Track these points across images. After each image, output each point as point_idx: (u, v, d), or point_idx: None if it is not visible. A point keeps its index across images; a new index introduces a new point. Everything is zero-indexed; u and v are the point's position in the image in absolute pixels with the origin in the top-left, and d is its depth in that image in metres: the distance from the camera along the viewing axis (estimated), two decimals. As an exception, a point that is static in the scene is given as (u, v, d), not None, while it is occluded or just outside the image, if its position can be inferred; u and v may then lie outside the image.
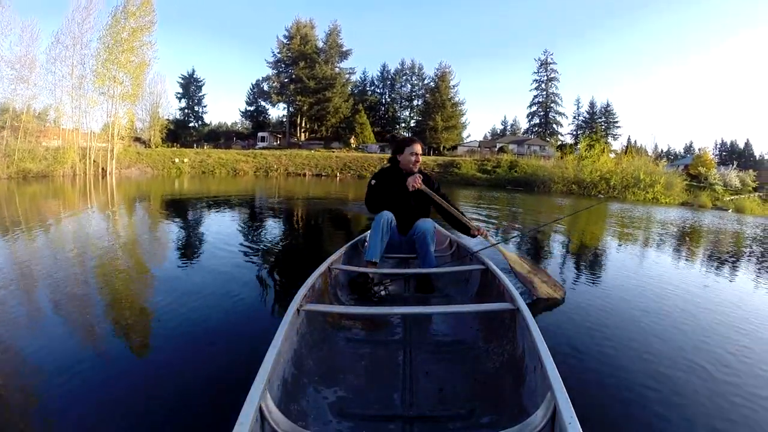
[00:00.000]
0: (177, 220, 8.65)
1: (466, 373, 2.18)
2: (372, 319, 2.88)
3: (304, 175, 43.48)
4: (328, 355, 2.31)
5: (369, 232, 3.85)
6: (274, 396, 1.60)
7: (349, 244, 4.04)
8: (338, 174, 45.10)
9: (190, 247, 5.88)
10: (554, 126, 79.12)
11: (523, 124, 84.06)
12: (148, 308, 3.37)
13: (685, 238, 10.33)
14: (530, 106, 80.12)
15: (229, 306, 3.50)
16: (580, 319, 3.40)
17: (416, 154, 3.90)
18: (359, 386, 2.05)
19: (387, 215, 3.66)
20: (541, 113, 78.92)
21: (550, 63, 77.87)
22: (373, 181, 3.95)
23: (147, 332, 2.91)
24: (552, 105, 78.53)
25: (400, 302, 3.34)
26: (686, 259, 7.21)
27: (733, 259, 7.67)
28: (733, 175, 51.64)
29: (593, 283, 4.72)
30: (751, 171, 54.97)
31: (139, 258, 5.15)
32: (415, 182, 3.71)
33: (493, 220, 11.70)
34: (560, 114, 79.21)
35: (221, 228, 7.77)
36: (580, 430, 1.23)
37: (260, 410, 1.40)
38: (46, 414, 1.95)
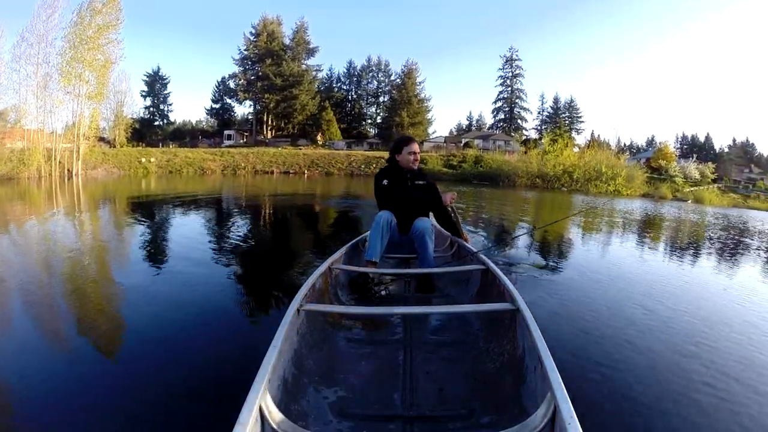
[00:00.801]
0: (161, 222, 8.60)
1: (466, 373, 2.19)
2: (372, 319, 2.91)
3: (272, 172, 43.52)
4: (329, 355, 2.33)
5: (369, 231, 3.87)
6: (274, 396, 1.61)
7: (349, 244, 4.07)
8: (306, 171, 45.37)
9: (183, 249, 5.78)
10: (519, 121, 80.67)
11: (489, 120, 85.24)
12: (148, 310, 3.36)
13: (664, 230, 11.26)
14: (495, 101, 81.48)
15: (229, 306, 3.59)
16: (580, 318, 3.47)
17: (414, 153, 3.96)
18: (359, 386, 2.06)
19: (387, 215, 3.69)
20: (506, 109, 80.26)
21: (515, 59, 79.44)
22: (385, 181, 3.97)
23: (146, 334, 2.92)
24: (517, 100, 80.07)
25: (400, 302, 3.35)
26: (675, 253, 7.59)
27: (722, 249, 8.26)
28: (693, 168, 53.75)
29: (593, 282, 4.79)
30: (710, 163, 57.07)
31: (128, 262, 5.12)
32: (451, 200, 4.03)
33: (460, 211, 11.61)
34: (525, 109, 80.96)
35: (207, 229, 7.86)
36: (580, 430, 1.24)
37: (260, 410, 1.41)
38: (50, 411, 2.00)
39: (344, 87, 77.64)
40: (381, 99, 75.68)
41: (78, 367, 2.41)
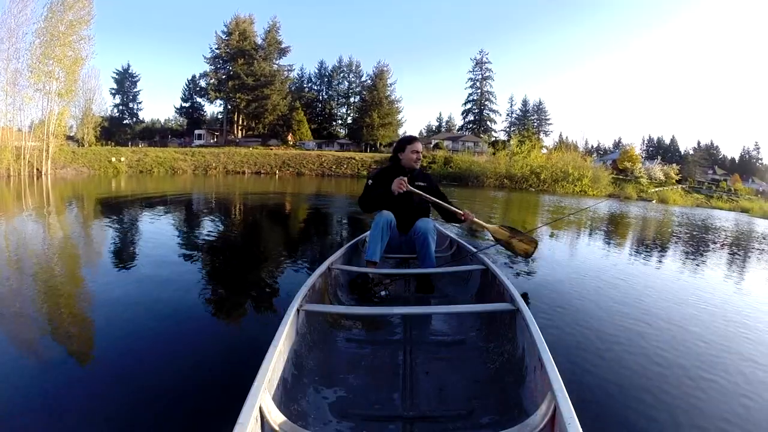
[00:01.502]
0: (139, 224, 8.42)
1: (466, 373, 2.19)
2: (372, 319, 2.91)
3: (243, 173, 43.64)
4: (328, 355, 2.34)
5: (369, 232, 3.86)
6: (274, 396, 1.62)
7: (349, 244, 4.11)
8: (277, 171, 45.73)
9: (163, 251, 5.74)
10: (488, 123, 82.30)
11: (458, 121, 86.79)
12: (147, 310, 3.36)
13: (648, 230, 11.95)
14: (465, 103, 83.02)
15: (229, 306, 3.63)
16: (580, 318, 3.48)
17: (417, 152, 3.91)
18: (359, 386, 2.06)
19: (387, 215, 3.65)
20: (476, 110, 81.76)
21: (485, 62, 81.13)
22: (369, 181, 3.92)
23: (146, 334, 2.92)
24: (486, 102, 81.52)
25: (400, 302, 3.35)
26: (665, 251, 7.96)
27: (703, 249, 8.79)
28: (658, 169, 56.12)
29: (592, 281, 4.81)
30: (674, 165, 59.69)
31: (110, 265, 4.97)
32: (400, 186, 3.59)
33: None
34: (494, 111, 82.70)
35: (187, 229, 7.84)
36: (580, 430, 1.24)
37: (260, 410, 1.41)
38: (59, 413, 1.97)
39: (315, 87, 77.81)
40: (352, 99, 76.04)
41: (74, 371, 2.39)
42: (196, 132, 66.00)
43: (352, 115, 75.34)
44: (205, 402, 2.08)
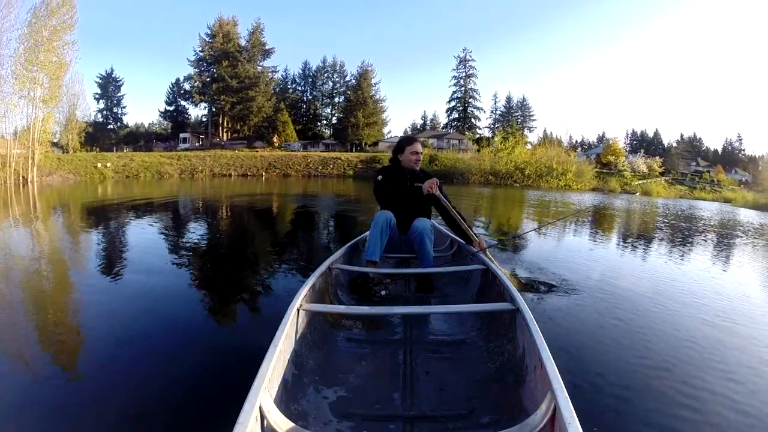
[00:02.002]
0: (133, 229, 8.39)
1: (466, 373, 2.19)
2: (372, 319, 2.91)
3: (230, 175, 43.62)
4: (329, 355, 2.34)
5: (369, 231, 3.86)
6: (274, 396, 1.62)
7: (349, 243, 4.09)
8: (264, 173, 45.78)
9: (173, 254, 5.87)
10: (473, 120, 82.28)
11: (443, 119, 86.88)
12: (147, 312, 3.40)
13: (641, 224, 12.20)
14: (449, 101, 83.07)
15: (229, 306, 3.66)
16: (579, 318, 3.47)
17: (417, 153, 3.93)
18: (359, 386, 2.07)
19: (387, 215, 3.67)
20: (460, 108, 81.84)
21: (469, 60, 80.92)
22: (379, 177, 3.95)
23: (146, 335, 2.95)
24: (470, 100, 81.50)
25: (400, 302, 3.35)
26: (665, 247, 7.87)
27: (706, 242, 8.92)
28: (641, 162, 57.12)
29: (592, 281, 4.79)
30: (657, 158, 60.83)
31: (115, 269, 5.01)
32: (431, 187, 3.72)
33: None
34: (478, 108, 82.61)
35: (180, 232, 7.93)
36: (580, 429, 1.23)
37: (260, 410, 1.41)
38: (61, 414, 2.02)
39: (299, 88, 77.62)
40: (336, 100, 75.96)
41: (73, 371, 2.44)
42: (181, 135, 65.43)
43: (336, 115, 75.29)
44: (205, 402, 2.10)
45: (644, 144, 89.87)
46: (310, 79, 76.71)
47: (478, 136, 74.44)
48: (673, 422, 2.05)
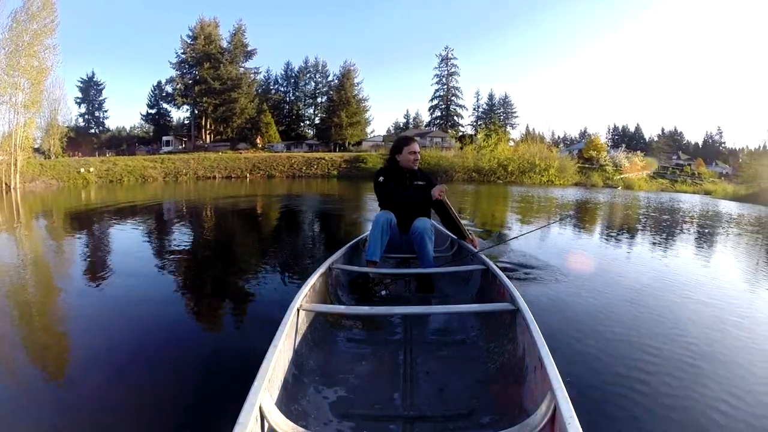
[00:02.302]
0: (130, 232, 8.47)
1: (466, 373, 2.19)
2: (372, 319, 2.91)
3: (214, 177, 43.53)
4: (329, 355, 2.34)
5: (369, 231, 3.86)
6: (274, 396, 1.63)
7: (349, 244, 4.08)
8: (248, 175, 45.79)
9: (162, 257, 5.94)
10: (455, 118, 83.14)
11: (426, 118, 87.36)
12: (146, 313, 3.45)
13: (632, 219, 12.38)
14: (432, 99, 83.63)
15: (229, 306, 3.68)
16: (580, 318, 3.46)
17: (415, 153, 3.93)
18: (359, 386, 2.07)
19: (387, 215, 3.68)
20: (443, 106, 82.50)
21: (451, 58, 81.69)
22: (381, 178, 3.95)
23: (146, 336, 2.98)
24: (453, 98, 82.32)
25: (400, 302, 3.34)
26: (661, 244, 7.89)
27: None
28: (622, 157, 57.67)
29: (592, 281, 4.76)
30: (639, 152, 61.74)
31: (106, 270, 5.09)
32: (441, 194, 3.77)
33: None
34: (461, 106, 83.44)
35: (173, 236, 7.99)
36: (580, 429, 1.23)
37: (260, 410, 1.41)
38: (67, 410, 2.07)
39: (282, 89, 77.58)
40: (319, 100, 76.04)
41: (72, 372, 2.47)
42: (164, 138, 64.81)
43: (319, 115, 75.30)
44: (205, 402, 2.10)
45: (626, 139, 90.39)
46: (293, 80, 76.87)
47: (461, 133, 74.89)
48: (673, 422, 2.06)
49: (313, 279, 2.72)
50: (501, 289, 2.75)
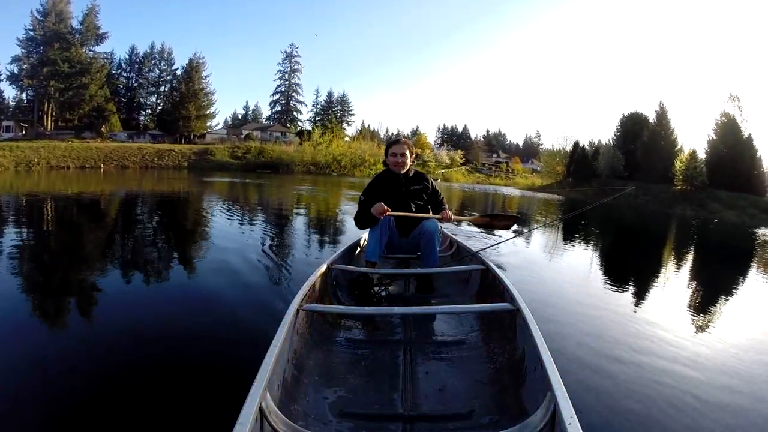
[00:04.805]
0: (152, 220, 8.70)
1: (466, 373, 2.21)
2: (372, 319, 2.93)
3: (68, 167, 41.55)
4: (328, 355, 2.36)
5: (368, 232, 3.86)
6: (274, 396, 1.63)
7: (349, 244, 4.15)
8: (102, 165, 45.44)
9: (172, 259, 5.96)
10: (295, 113, 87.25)
11: (266, 111, 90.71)
12: (146, 314, 3.53)
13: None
14: (273, 94, 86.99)
15: (229, 307, 3.76)
16: (580, 318, 3.60)
17: (396, 155, 3.87)
18: (359, 386, 2.08)
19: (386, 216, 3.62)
20: (283, 101, 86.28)
21: (295, 56, 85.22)
22: (362, 197, 3.87)
23: (145, 336, 3.03)
24: (294, 94, 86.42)
25: (400, 302, 3.39)
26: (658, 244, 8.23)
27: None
28: (444, 154, 69.90)
29: (592, 281, 4.93)
30: (460, 150, 74.60)
31: (135, 266, 5.24)
32: (380, 215, 3.61)
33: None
34: (301, 102, 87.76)
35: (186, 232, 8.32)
36: (580, 430, 1.24)
37: (260, 410, 1.41)
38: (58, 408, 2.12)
39: (125, 74, 72.81)
40: (162, 88, 73.26)
41: (72, 372, 2.50)
42: (5, 124, 58.53)
43: (162, 105, 72.05)
44: (205, 402, 2.16)
45: (454, 138, 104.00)
46: (137, 66, 72.20)
47: (299, 128, 79.89)
48: (673, 422, 2.13)
49: (313, 279, 2.77)
50: (501, 290, 2.82)
